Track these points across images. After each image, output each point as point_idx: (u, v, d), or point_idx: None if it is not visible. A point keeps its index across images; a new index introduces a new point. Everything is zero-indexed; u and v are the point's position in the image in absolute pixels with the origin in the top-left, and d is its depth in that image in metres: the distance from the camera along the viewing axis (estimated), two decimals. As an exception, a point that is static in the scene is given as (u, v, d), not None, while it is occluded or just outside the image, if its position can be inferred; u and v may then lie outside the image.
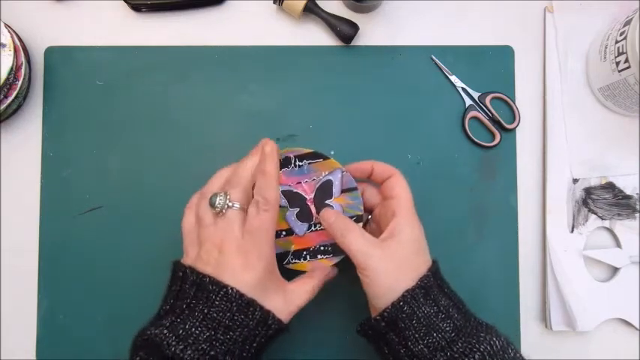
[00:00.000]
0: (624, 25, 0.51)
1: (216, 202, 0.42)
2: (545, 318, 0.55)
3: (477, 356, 0.38)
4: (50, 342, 0.54)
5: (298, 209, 0.49)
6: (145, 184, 0.55)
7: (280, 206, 0.46)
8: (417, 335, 0.40)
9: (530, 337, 0.55)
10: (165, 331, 0.38)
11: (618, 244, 0.56)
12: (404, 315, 0.40)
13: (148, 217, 0.55)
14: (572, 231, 0.55)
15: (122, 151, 0.56)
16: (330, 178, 0.49)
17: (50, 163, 0.55)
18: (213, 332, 0.38)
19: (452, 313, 0.41)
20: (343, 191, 0.49)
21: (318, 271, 0.47)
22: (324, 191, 0.49)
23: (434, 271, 0.43)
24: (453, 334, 0.40)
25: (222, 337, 0.38)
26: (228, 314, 0.39)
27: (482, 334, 0.40)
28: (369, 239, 0.43)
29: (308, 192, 0.49)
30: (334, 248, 0.49)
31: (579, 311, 0.54)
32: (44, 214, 0.55)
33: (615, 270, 0.56)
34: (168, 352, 0.37)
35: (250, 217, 0.42)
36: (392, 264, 0.42)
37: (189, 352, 0.37)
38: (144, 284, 0.55)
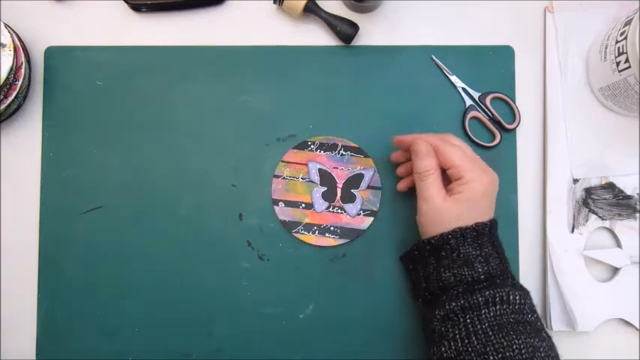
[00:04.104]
0: (624, 25, 0.51)
1: None
2: (545, 318, 0.55)
3: (487, 293, 0.44)
4: (50, 342, 0.54)
5: (326, 189, 0.55)
6: (144, 184, 0.55)
7: (311, 181, 0.54)
8: (452, 265, 0.46)
9: (531, 337, 0.55)
10: None
11: (618, 245, 0.56)
12: (448, 246, 0.46)
13: (148, 217, 0.55)
14: (572, 231, 0.55)
15: (122, 151, 0.56)
16: (363, 172, 0.55)
17: (50, 163, 0.55)
18: None
19: (490, 262, 0.46)
20: (369, 187, 0.55)
21: None
22: (353, 182, 0.55)
23: (490, 225, 0.47)
24: (482, 277, 0.45)
25: None
26: None
27: (506, 288, 0.44)
28: (440, 189, 0.48)
29: (340, 178, 0.55)
30: (342, 232, 0.54)
31: (579, 311, 0.54)
32: (44, 214, 0.55)
33: (615, 270, 0.56)
34: None
35: None
36: (451, 214, 0.47)
37: None
38: (144, 284, 0.55)
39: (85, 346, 0.54)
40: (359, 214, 0.55)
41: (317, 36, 0.57)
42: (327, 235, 0.55)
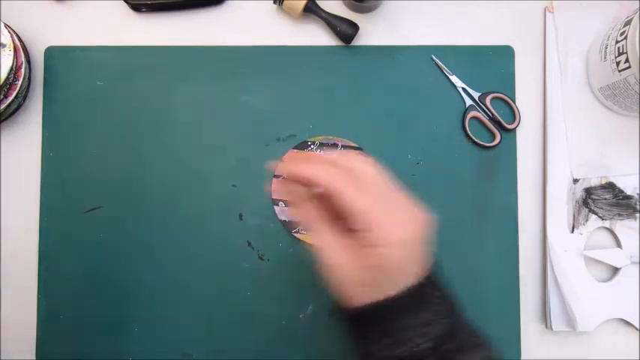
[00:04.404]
0: (624, 25, 0.51)
1: None
2: (545, 318, 0.55)
3: None
4: (50, 342, 0.54)
5: None
6: (144, 184, 0.55)
7: None
8: (379, 340, 0.35)
9: (530, 337, 0.55)
10: None
11: (618, 244, 0.56)
12: (363, 321, 0.35)
13: (148, 217, 0.55)
14: (572, 231, 0.55)
15: (122, 150, 0.56)
16: None
17: (50, 163, 0.55)
18: None
19: (433, 328, 0.35)
20: None
21: None
22: None
23: (426, 279, 0.36)
24: (424, 347, 0.34)
25: None
26: None
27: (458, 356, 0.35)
28: (342, 249, 0.35)
29: None
30: None
31: (579, 311, 0.54)
32: (44, 214, 0.55)
33: (615, 270, 0.56)
34: None
35: None
36: (366, 274, 0.35)
37: None
38: (144, 284, 0.55)
39: (85, 346, 0.54)
40: None
41: (317, 36, 0.57)
42: None
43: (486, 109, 0.56)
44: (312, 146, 0.55)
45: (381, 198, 0.35)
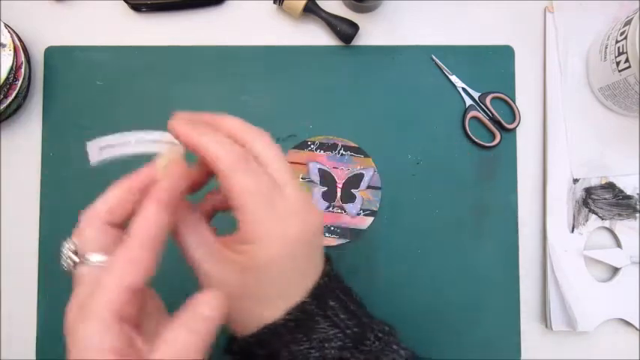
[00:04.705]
0: (624, 25, 0.51)
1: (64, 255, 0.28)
2: (545, 318, 0.55)
3: None
4: (50, 342, 0.54)
5: (326, 189, 0.55)
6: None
7: (311, 181, 0.54)
8: None
9: (530, 337, 0.55)
10: None
11: (618, 244, 0.56)
12: (261, 352, 0.31)
13: (148, 217, 0.55)
14: (572, 231, 0.55)
15: (122, 151, 0.56)
16: (363, 172, 0.55)
17: (50, 163, 0.55)
18: None
19: (331, 344, 0.31)
20: (369, 187, 0.55)
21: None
22: (353, 181, 0.55)
23: (315, 293, 0.32)
24: None
25: None
26: None
27: None
28: (224, 259, 0.32)
29: (340, 178, 0.55)
30: (342, 232, 0.54)
31: (579, 311, 0.54)
32: (44, 214, 0.55)
33: (615, 270, 0.56)
34: None
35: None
36: (238, 290, 0.31)
37: None
38: (144, 284, 0.55)
39: (85, 346, 0.54)
40: (359, 214, 0.55)
41: (317, 36, 0.57)
42: (327, 235, 0.55)
43: (486, 109, 0.56)
44: (312, 146, 0.55)
45: (263, 187, 0.30)
